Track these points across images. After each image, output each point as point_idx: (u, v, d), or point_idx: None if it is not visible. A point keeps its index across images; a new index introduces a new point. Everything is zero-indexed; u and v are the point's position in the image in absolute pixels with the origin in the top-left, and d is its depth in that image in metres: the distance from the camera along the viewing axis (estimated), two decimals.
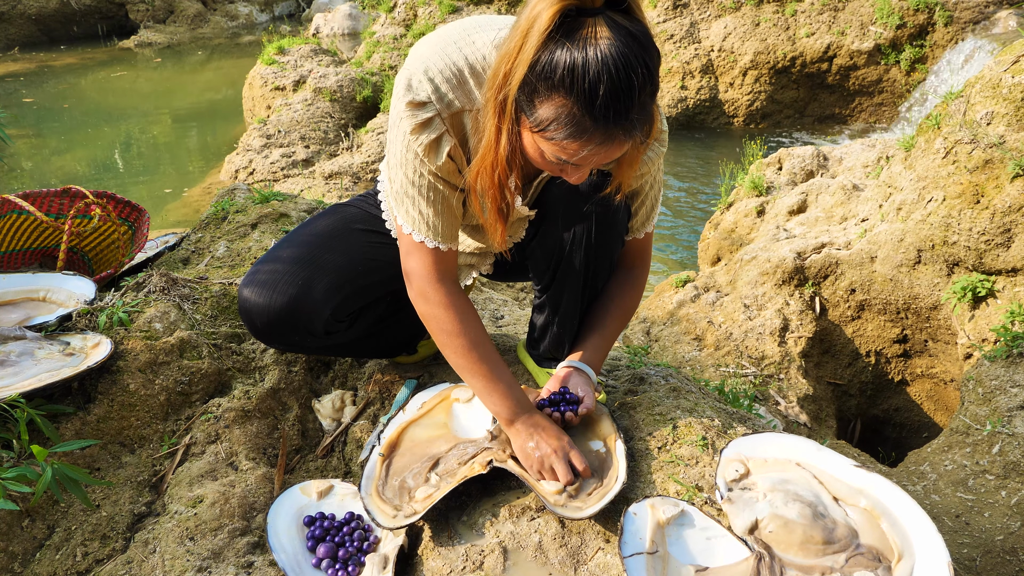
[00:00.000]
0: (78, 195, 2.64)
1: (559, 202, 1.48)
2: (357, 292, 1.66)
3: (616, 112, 1.10)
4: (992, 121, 2.76)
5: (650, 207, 1.58)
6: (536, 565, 1.32)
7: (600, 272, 1.61)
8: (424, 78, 1.29)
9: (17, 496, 1.50)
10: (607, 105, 1.09)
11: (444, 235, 1.43)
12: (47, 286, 2.16)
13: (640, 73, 1.08)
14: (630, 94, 1.09)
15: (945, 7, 7.32)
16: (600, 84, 1.07)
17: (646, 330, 3.49)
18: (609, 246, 1.56)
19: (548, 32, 1.08)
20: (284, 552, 1.43)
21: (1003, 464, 2.12)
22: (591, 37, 1.07)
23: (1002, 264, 2.71)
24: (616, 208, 1.50)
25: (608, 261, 1.60)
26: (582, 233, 1.50)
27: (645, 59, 1.09)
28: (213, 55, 13.06)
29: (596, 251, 1.54)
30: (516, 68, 1.13)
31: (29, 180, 7.47)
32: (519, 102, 1.16)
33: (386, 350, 1.92)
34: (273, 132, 6.93)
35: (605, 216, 1.50)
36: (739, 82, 7.90)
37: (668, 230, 6.02)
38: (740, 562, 1.27)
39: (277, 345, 1.75)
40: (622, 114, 1.10)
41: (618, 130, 1.13)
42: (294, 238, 1.69)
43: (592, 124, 1.11)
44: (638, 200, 1.55)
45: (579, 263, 1.55)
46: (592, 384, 1.58)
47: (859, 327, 3.23)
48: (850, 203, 3.68)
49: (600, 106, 1.09)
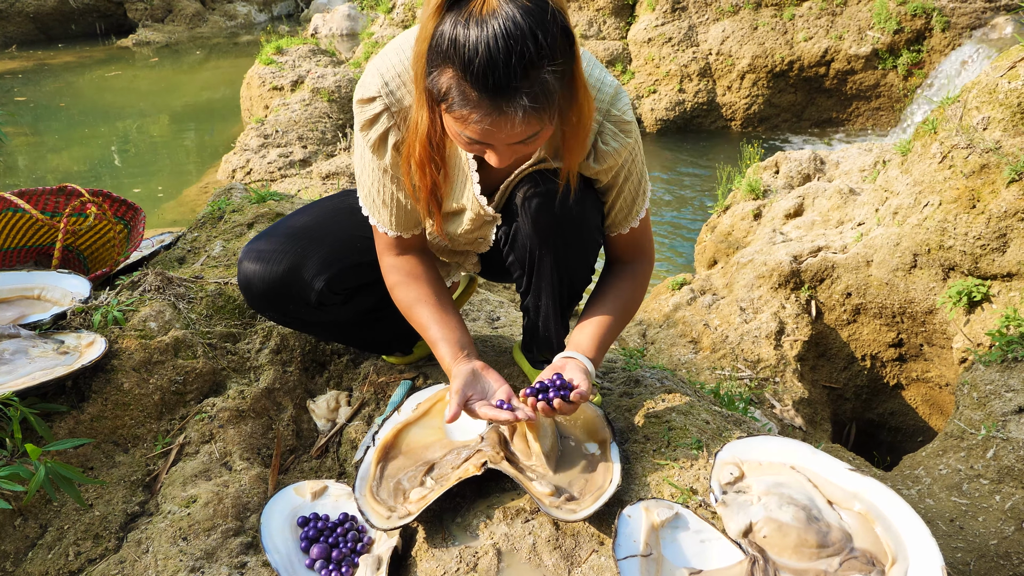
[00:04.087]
0: (74, 193, 2.63)
1: (526, 202, 1.46)
2: (352, 268, 1.68)
3: (496, 82, 1.09)
4: (988, 126, 2.77)
5: (629, 202, 1.52)
6: (530, 567, 1.31)
7: (576, 272, 1.58)
8: (376, 75, 1.36)
9: (10, 495, 1.49)
10: (485, 74, 1.08)
11: (398, 224, 1.52)
12: (42, 284, 2.16)
13: (527, 45, 1.07)
14: (509, 64, 1.07)
15: (943, 12, 7.34)
16: (477, 54, 1.07)
17: (642, 332, 3.49)
18: (579, 246, 1.53)
19: (440, 5, 1.10)
20: (278, 552, 1.43)
21: (997, 468, 2.13)
22: (478, 9, 1.07)
23: (997, 269, 2.71)
24: (583, 207, 1.47)
25: (582, 261, 1.57)
26: (549, 234, 1.48)
27: (537, 32, 1.07)
28: (211, 54, 13.05)
29: (565, 251, 1.52)
30: (422, 44, 1.15)
31: (25, 178, 7.46)
32: (428, 78, 1.18)
33: (380, 344, 1.93)
34: (271, 132, 6.92)
35: (571, 215, 1.47)
36: (737, 85, 7.92)
37: (665, 233, 6.03)
38: (734, 565, 1.27)
39: (273, 314, 1.76)
40: (502, 85, 1.09)
41: (502, 102, 1.11)
42: (295, 215, 1.75)
43: (476, 95, 1.11)
44: (611, 195, 1.50)
45: (550, 264, 1.53)
46: (589, 373, 1.49)
47: (855, 331, 3.23)
48: (846, 207, 3.69)
49: (479, 75, 1.08)
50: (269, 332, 2.04)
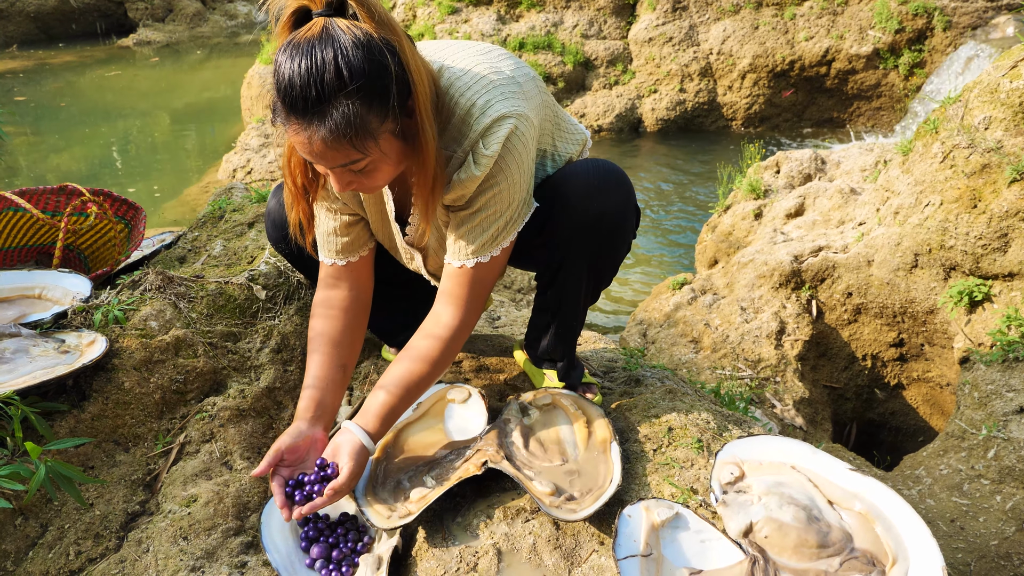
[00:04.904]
0: (75, 193, 2.63)
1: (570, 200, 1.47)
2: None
3: (292, 102, 1.17)
4: (990, 126, 2.77)
5: (475, 233, 1.41)
6: (530, 567, 1.31)
7: (604, 275, 1.62)
8: None
9: (10, 494, 1.49)
10: (286, 94, 1.17)
11: (326, 250, 1.58)
12: (43, 283, 2.16)
13: (328, 72, 1.14)
14: (308, 88, 1.15)
15: (944, 12, 7.33)
16: (284, 77, 1.16)
17: (643, 332, 3.49)
18: (614, 252, 1.57)
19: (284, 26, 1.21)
20: (278, 552, 1.43)
21: (998, 469, 2.13)
22: (300, 35, 1.17)
23: (999, 268, 2.71)
24: (623, 215, 1.50)
25: (612, 264, 1.60)
26: (587, 238, 1.50)
27: (340, 62, 1.14)
28: (212, 54, 13.05)
29: (600, 256, 1.55)
30: None
31: (26, 178, 7.46)
32: None
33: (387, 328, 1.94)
34: (271, 131, 6.92)
35: (610, 222, 1.49)
36: (738, 85, 7.91)
37: (666, 232, 6.03)
38: (734, 565, 1.27)
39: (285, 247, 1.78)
40: (299, 107, 1.17)
41: (303, 122, 1.18)
42: None
43: (285, 112, 1.19)
44: (459, 216, 1.42)
45: (581, 268, 1.55)
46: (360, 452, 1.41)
47: (855, 331, 3.23)
48: (847, 207, 3.68)
49: (283, 93, 1.17)
50: (270, 331, 2.04)
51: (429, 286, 1.78)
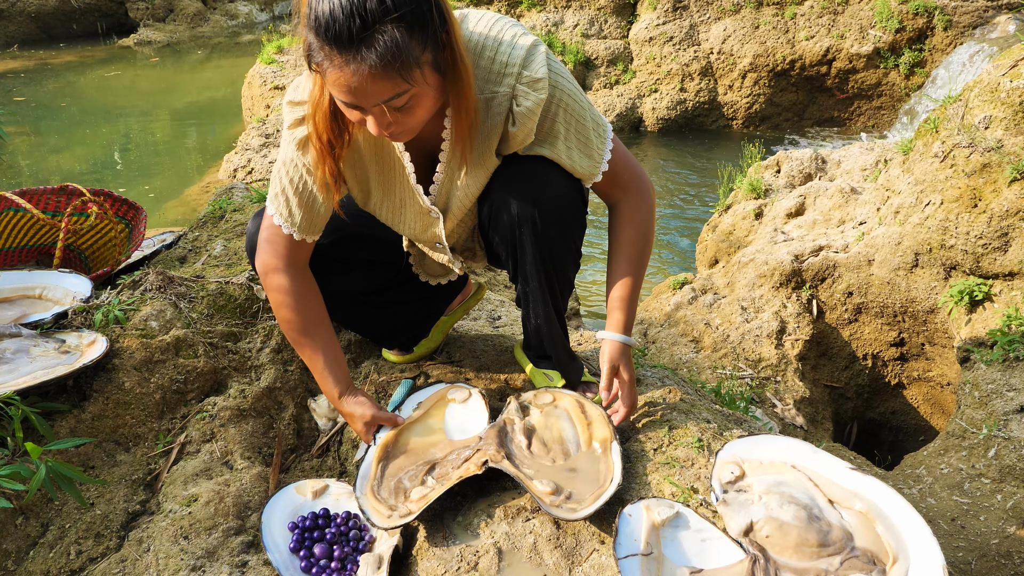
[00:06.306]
0: (75, 193, 2.63)
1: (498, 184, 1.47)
2: (351, 237, 1.70)
3: (336, 34, 1.13)
4: (990, 125, 2.77)
5: (581, 146, 1.46)
6: (531, 566, 1.31)
7: (559, 256, 1.55)
8: (308, 79, 1.37)
9: (11, 494, 1.50)
10: (327, 28, 1.13)
11: (302, 227, 1.52)
12: (43, 283, 2.16)
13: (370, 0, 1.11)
14: (351, 18, 1.11)
15: (944, 11, 7.33)
16: (324, 11, 1.13)
17: (643, 331, 3.49)
18: (560, 227, 1.51)
19: None
20: (279, 551, 1.43)
21: (999, 468, 2.13)
22: None
23: (999, 268, 2.71)
24: (557, 187, 1.46)
25: (565, 243, 1.54)
26: (527, 218, 1.47)
27: None
28: (212, 54, 13.05)
29: (545, 233, 1.49)
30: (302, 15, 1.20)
31: (26, 178, 7.46)
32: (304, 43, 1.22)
33: (381, 333, 1.93)
34: (272, 131, 6.92)
35: (545, 196, 1.46)
36: (738, 84, 7.91)
37: (666, 232, 6.03)
38: (735, 564, 1.27)
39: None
40: (343, 38, 1.13)
41: (348, 55, 1.14)
42: None
43: (327, 49, 1.15)
44: (557, 146, 1.44)
45: (531, 248, 1.51)
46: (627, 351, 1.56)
47: (856, 330, 3.23)
48: (848, 206, 3.68)
49: (323, 29, 1.14)
50: (270, 331, 2.04)
51: (420, 284, 1.78)
